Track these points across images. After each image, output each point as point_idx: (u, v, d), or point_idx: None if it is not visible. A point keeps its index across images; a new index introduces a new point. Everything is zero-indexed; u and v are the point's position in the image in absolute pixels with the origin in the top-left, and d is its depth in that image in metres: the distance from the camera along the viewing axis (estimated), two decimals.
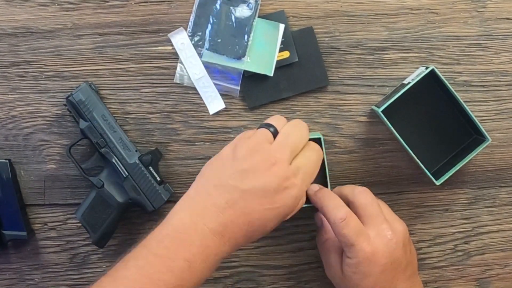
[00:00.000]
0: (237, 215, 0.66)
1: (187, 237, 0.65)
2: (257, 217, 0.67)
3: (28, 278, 0.85)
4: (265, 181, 0.67)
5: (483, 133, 0.78)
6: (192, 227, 0.65)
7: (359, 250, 0.70)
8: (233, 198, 0.66)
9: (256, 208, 0.67)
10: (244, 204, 0.66)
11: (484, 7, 0.83)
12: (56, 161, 0.84)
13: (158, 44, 0.83)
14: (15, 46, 0.83)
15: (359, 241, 0.70)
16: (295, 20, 0.83)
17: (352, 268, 0.72)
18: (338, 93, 0.84)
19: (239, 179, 0.67)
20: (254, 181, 0.67)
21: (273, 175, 0.67)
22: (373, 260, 0.71)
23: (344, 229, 0.70)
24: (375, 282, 0.71)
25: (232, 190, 0.67)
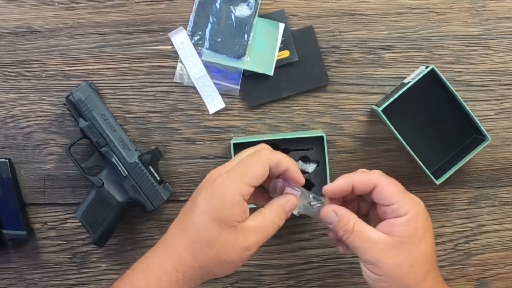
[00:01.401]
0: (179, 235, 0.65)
1: (137, 264, 0.66)
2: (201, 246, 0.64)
3: (28, 278, 0.85)
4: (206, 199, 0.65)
5: (483, 133, 0.78)
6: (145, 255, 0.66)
7: (413, 200, 0.65)
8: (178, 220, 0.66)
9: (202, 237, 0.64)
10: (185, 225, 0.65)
11: (484, 6, 0.83)
12: (56, 160, 0.84)
13: (158, 43, 0.83)
14: (15, 45, 0.83)
15: (408, 192, 0.66)
16: (295, 20, 0.83)
17: (413, 223, 0.64)
18: (338, 93, 0.83)
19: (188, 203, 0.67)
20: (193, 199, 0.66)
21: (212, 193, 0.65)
22: (426, 211, 0.66)
23: (391, 180, 0.66)
24: (432, 241, 0.66)
25: (180, 213, 0.67)
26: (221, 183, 0.63)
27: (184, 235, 0.64)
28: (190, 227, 0.64)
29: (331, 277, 0.86)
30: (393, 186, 0.66)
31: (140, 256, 0.84)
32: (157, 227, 0.85)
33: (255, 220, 0.64)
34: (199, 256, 0.63)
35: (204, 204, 0.63)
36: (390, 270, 0.64)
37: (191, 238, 0.63)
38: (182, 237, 0.64)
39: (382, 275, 0.65)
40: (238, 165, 0.64)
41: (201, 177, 0.83)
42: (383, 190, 0.65)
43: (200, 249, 0.63)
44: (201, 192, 0.64)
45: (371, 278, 0.66)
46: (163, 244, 0.65)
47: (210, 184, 0.64)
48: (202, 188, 0.65)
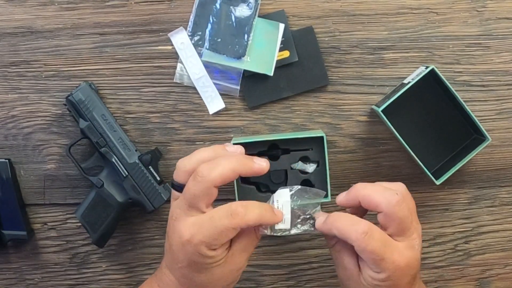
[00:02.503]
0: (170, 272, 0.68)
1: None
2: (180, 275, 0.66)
3: (28, 278, 0.85)
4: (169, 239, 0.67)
5: (483, 133, 0.78)
6: (146, 284, 0.71)
7: (390, 263, 0.63)
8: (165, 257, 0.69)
9: (174, 267, 0.67)
10: (168, 263, 0.68)
11: (484, 6, 0.83)
12: (56, 160, 0.84)
13: (158, 43, 0.83)
14: (15, 45, 0.83)
15: (388, 253, 0.63)
16: (295, 20, 0.83)
17: (378, 282, 0.64)
18: (338, 93, 0.83)
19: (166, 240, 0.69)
20: (167, 240, 0.67)
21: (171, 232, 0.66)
22: (405, 272, 0.64)
23: (369, 245, 0.62)
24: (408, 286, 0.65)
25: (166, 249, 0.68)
26: (190, 246, 0.63)
27: (180, 282, 0.67)
28: (181, 277, 0.66)
29: (331, 277, 0.86)
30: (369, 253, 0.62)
31: (140, 256, 0.85)
32: (157, 227, 0.85)
33: (240, 241, 0.65)
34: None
35: (184, 261, 0.65)
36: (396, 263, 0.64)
37: (189, 285, 0.66)
38: (176, 281, 0.67)
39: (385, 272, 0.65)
40: (207, 226, 0.63)
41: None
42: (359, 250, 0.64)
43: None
44: (176, 247, 0.65)
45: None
46: (162, 282, 0.68)
47: (180, 242, 0.64)
48: (174, 240, 0.65)
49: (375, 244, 0.62)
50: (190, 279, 0.66)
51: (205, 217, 0.63)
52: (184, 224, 0.64)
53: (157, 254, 0.85)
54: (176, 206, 0.66)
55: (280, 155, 0.79)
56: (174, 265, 0.66)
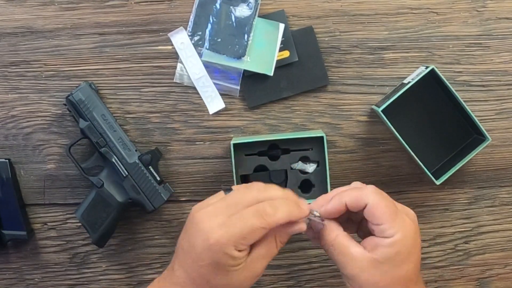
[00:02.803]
0: (184, 273, 0.66)
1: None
2: (197, 275, 0.65)
3: (28, 278, 0.85)
4: (191, 239, 0.65)
5: (483, 133, 0.78)
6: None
7: (402, 223, 0.64)
8: (178, 257, 0.67)
9: (193, 267, 0.65)
10: (184, 263, 0.66)
11: (484, 6, 0.83)
12: (56, 160, 0.84)
13: (158, 43, 0.83)
14: (15, 45, 0.83)
15: (399, 213, 0.64)
16: (295, 20, 0.83)
17: (396, 247, 0.63)
18: (338, 93, 0.83)
19: (181, 240, 0.67)
20: (186, 240, 0.66)
21: (196, 233, 0.65)
22: (416, 234, 0.65)
23: (382, 200, 0.64)
24: (415, 265, 0.65)
25: (177, 251, 0.67)
26: (217, 246, 0.62)
27: (196, 283, 0.65)
28: (199, 278, 0.64)
29: (331, 277, 0.86)
30: (383, 207, 0.64)
31: (140, 256, 0.85)
32: (157, 227, 0.85)
33: (258, 251, 0.65)
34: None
35: (207, 260, 0.63)
36: (365, 286, 0.65)
37: (203, 285, 0.65)
38: (191, 282, 0.65)
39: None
40: (236, 224, 0.63)
41: (201, 177, 0.84)
42: (372, 210, 0.64)
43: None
44: (200, 246, 0.63)
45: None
46: (176, 285, 0.66)
47: (206, 242, 0.63)
48: (198, 240, 0.64)
49: (386, 200, 0.64)
50: (207, 280, 0.65)
51: (233, 217, 0.63)
52: (211, 224, 0.63)
53: (157, 254, 0.85)
54: (203, 210, 0.65)
55: (280, 155, 0.80)
56: (193, 265, 0.65)
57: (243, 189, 0.66)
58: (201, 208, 0.65)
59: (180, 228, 0.70)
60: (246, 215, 0.63)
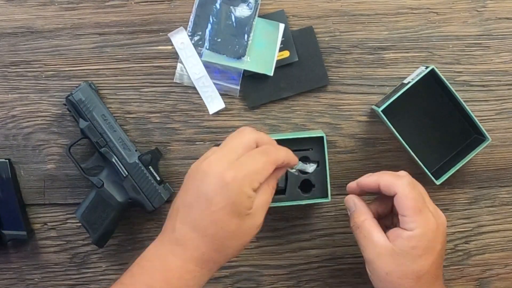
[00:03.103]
0: (191, 230, 0.65)
1: (150, 264, 0.66)
2: (209, 223, 0.64)
3: (28, 278, 0.85)
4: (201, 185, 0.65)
5: (483, 133, 0.78)
6: (155, 254, 0.67)
7: (425, 219, 0.67)
8: (184, 215, 0.66)
9: (204, 215, 0.65)
10: (194, 217, 0.65)
11: (484, 6, 0.83)
12: (56, 160, 0.84)
13: (158, 43, 0.83)
14: (15, 45, 0.83)
15: (426, 210, 0.67)
16: (295, 20, 0.83)
17: (413, 242, 0.66)
18: (338, 93, 0.84)
19: (184, 196, 0.67)
20: (193, 190, 0.66)
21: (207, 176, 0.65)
22: (436, 234, 0.67)
23: (411, 192, 0.67)
24: (431, 263, 0.67)
25: (182, 208, 0.66)
26: (235, 183, 0.64)
27: (205, 234, 0.65)
28: (210, 226, 0.64)
29: (331, 277, 0.86)
30: (411, 200, 0.67)
31: None
32: (157, 227, 0.85)
33: (260, 197, 0.67)
34: (225, 250, 0.66)
35: (222, 203, 0.64)
36: (379, 273, 0.68)
37: (215, 237, 0.65)
38: (203, 237, 0.65)
39: (373, 275, 0.69)
40: (248, 163, 0.65)
41: None
42: (400, 201, 0.68)
43: (226, 244, 0.65)
44: (213, 190, 0.64)
45: (367, 271, 0.70)
46: (179, 245, 0.65)
47: (221, 182, 0.64)
48: (210, 184, 0.64)
49: (416, 194, 0.67)
50: (221, 227, 0.64)
51: (242, 158, 0.66)
52: (222, 166, 0.64)
53: None
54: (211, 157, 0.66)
55: None
56: (204, 214, 0.64)
57: (236, 135, 0.68)
58: (202, 161, 0.66)
59: None
60: (254, 154, 0.66)
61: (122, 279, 0.66)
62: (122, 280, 0.66)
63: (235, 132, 0.69)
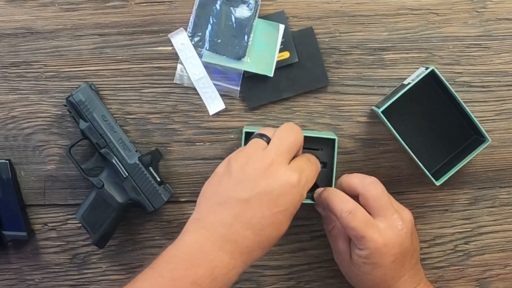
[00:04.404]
0: (246, 228, 0.65)
1: (194, 259, 0.64)
2: (267, 223, 0.65)
3: (28, 279, 0.85)
4: (266, 185, 0.65)
5: (483, 134, 0.78)
6: (199, 249, 0.65)
7: (369, 241, 0.70)
8: (239, 211, 0.65)
9: (264, 215, 0.65)
10: (251, 215, 0.65)
11: (484, 7, 0.83)
12: (56, 161, 0.84)
13: (158, 44, 0.83)
14: (15, 46, 0.83)
15: (369, 232, 0.70)
16: (295, 21, 0.83)
17: (363, 259, 0.72)
18: (338, 94, 0.84)
19: (240, 191, 0.66)
20: (256, 188, 0.65)
21: (272, 177, 0.66)
22: (384, 251, 0.71)
23: (352, 222, 0.70)
24: (385, 272, 0.72)
25: (236, 204, 0.65)
26: (299, 187, 0.67)
27: (261, 234, 0.65)
28: (268, 227, 0.66)
29: (331, 277, 0.86)
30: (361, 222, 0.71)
31: (140, 257, 0.84)
32: (157, 228, 0.85)
33: None
34: (268, 248, 0.68)
35: (285, 205, 0.66)
36: (344, 274, 0.79)
37: (269, 237, 0.66)
38: (257, 236, 0.65)
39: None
40: (307, 169, 0.69)
41: (201, 178, 0.84)
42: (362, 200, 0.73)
43: (273, 243, 0.67)
44: (278, 191, 0.65)
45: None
46: (229, 242, 0.65)
47: (287, 184, 0.66)
48: (276, 185, 0.65)
49: (356, 223, 0.70)
50: (277, 229, 0.66)
51: (301, 162, 0.69)
52: (287, 169, 0.67)
53: (157, 255, 0.85)
54: (270, 155, 0.67)
55: None
56: (264, 213, 0.65)
57: (290, 133, 0.70)
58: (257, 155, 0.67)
59: (180, 228, 0.69)
60: (308, 161, 0.71)
61: (161, 271, 0.64)
62: (162, 272, 0.64)
63: (287, 129, 0.71)
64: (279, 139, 0.69)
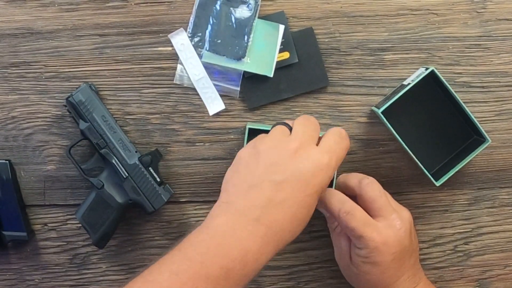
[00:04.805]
0: (278, 211, 0.63)
1: (225, 243, 0.62)
2: (299, 206, 0.64)
3: (28, 279, 0.85)
4: (298, 167, 0.65)
5: (483, 134, 0.78)
6: (230, 232, 0.63)
7: (368, 240, 0.71)
8: (271, 194, 0.63)
9: (297, 197, 0.64)
10: (284, 197, 0.63)
11: (484, 8, 0.83)
12: (56, 161, 0.84)
13: (158, 45, 0.83)
14: (15, 46, 0.83)
15: (368, 231, 0.71)
16: (295, 21, 0.83)
17: (362, 258, 0.73)
18: (338, 94, 0.84)
19: (271, 173, 0.64)
20: (288, 170, 0.64)
21: (303, 159, 0.65)
22: (383, 250, 0.72)
23: (350, 222, 0.71)
24: (383, 271, 0.73)
25: (269, 186, 0.64)
26: (329, 167, 0.66)
27: (294, 217, 0.65)
28: (301, 209, 0.65)
29: (331, 277, 0.86)
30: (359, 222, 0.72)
31: (140, 257, 0.84)
32: (157, 228, 0.85)
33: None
34: (297, 232, 0.67)
35: (317, 186, 0.65)
36: (342, 272, 0.80)
37: (300, 220, 0.65)
38: (291, 219, 0.64)
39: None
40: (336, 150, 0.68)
41: (201, 178, 0.84)
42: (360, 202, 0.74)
43: (302, 227, 0.66)
44: (311, 173, 0.65)
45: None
46: (262, 225, 0.63)
47: (319, 165, 0.65)
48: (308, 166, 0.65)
49: (355, 223, 0.71)
50: (308, 211, 0.65)
51: (331, 142, 0.68)
52: (317, 150, 0.66)
53: (157, 255, 0.85)
54: (298, 137, 0.67)
55: None
56: (297, 195, 0.64)
57: (308, 123, 0.70)
58: (283, 140, 0.67)
59: (180, 229, 0.70)
60: (339, 140, 0.69)
61: (189, 254, 0.62)
62: (190, 255, 0.62)
63: (306, 118, 0.70)
64: (301, 126, 0.69)
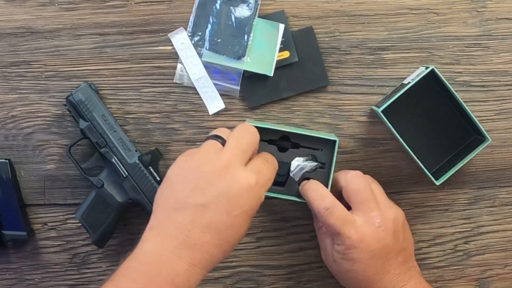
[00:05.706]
0: (204, 233, 0.62)
1: (153, 270, 0.61)
2: (226, 227, 0.63)
3: (28, 278, 0.85)
4: (223, 188, 0.63)
5: (483, 133, 0.78)
6: (157, 258, 0.62)
7: (345, 237, 0.72)
8: (196, 216, 0.62)
9: (223, 219, 0.63)
10: (209, 219, 0.62)
11: (484, 7, 0.83)
12: (56, 161, 0.84)
13: (158, 44, 0.83)
14: (15, 46, 0.83)
15: (345, 229, 0.72)
16: (295, 20, 0.83)
17: (340, 254, 0.74)
18: (338, 93, 0.84)
19: (196, 195, 0.63)
20: (212, 191, 0.63)
21: (229, 179, 0.63)
22: (360, 246, 0.72)
23: (328, 219, 0.72)
24: (364, 268, 0.73)
25: (193, 208, 0.62)
26: (257, 188, 0.65)
27: (220, 238, 0.63)
28: (227, 230, 0.63)
29: (331, 277, 0.85)
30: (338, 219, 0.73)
31: None
32: None
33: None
34: (228, 252, 0.65)
35: (244, 207, 0.64)
36: (330, 271, 0.80)
37: (228, 241, 0.64)
38: (217, 241, 0.63)
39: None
40: (264, 170, 0.67)
41: None
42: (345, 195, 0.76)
43: (232, 247, 0.65)
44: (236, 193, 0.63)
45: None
46: (188, 248, 0.62)
47: (246, 186, 0.64)
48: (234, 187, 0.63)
49: (333, 220, 0.72)
50: (236, 232, 0.64)
51: (258, 163, 0.67)
52: (244, 170, 0.65)
53: None
54: (226, 156, 0.65)
55: (289, 147, 0.78)
56: (223, 216, 0.62)
57: (243, 134, 0.68)
58: (210, 157, 0.65)
59: None
60: (265, 161, 0.69)
61: (120, 285, 0.61)
62: (121, 286, 0.61)
63: (242, 130, 0.69)
64: (235, 140, 0.67)
